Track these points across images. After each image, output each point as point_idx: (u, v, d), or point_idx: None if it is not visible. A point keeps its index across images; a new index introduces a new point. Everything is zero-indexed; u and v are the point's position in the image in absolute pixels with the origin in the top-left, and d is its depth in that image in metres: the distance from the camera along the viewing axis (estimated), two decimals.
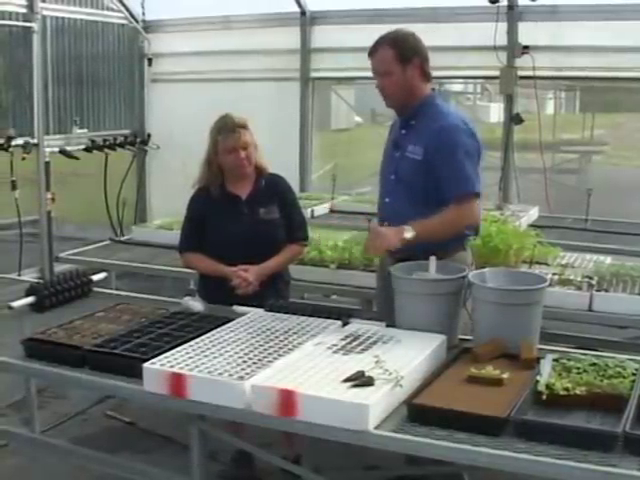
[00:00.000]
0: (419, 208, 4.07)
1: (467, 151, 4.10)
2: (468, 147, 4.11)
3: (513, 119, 7.60)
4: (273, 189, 4.68)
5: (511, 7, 7.38)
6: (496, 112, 6.27)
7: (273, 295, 4.43)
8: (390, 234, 3.98)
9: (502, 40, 7.34)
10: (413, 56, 4.20)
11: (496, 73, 7.49)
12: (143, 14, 9.27)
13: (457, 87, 12.88)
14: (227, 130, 4.50)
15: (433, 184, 4.10)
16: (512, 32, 7.40)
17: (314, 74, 8.76)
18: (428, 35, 8.04)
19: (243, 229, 4.54)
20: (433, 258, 3.83)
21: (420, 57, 4.24)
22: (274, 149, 4.77)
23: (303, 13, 8.59)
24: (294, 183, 5.49)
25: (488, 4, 7.23)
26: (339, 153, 11.63)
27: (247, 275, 4.43)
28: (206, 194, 4.62)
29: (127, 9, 9.17)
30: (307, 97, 8.80)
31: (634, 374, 3.16)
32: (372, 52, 4.30)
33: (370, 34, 8.14)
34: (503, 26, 7.37)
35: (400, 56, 4.18)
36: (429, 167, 4.09)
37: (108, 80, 9.26)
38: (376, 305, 4.89)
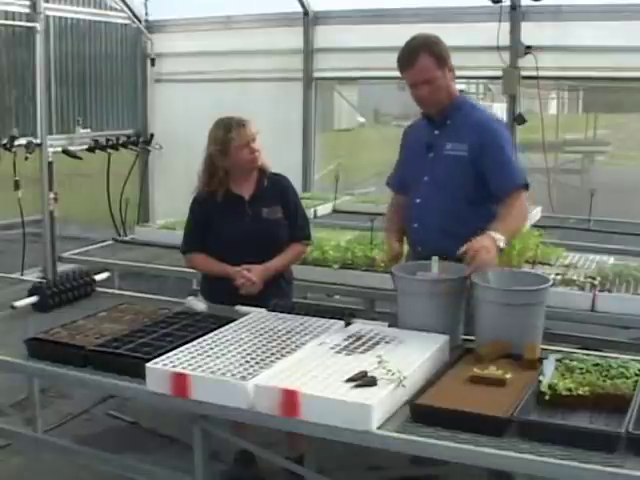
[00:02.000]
0: (450, 206, 4.12)
1: (510, 143, 4.19)
2: (509, 139, 4.22)
3: (516, 119, 7.59)
4: (276, 189, 4.68)
5: (514, 7, 7.37)
6: (499, 112, 6.25)
7: (276, 295, 4.43)
8: (488, 246, 3.70)
9: (505, 40, 7.34)
10: (448, 58, 4.19)
11: (499, 73, 7.49)
12: (146, 14, 9.32)
13: (460, 87, 12.87)
14: (237, 126, 4.51)
15: (474, 180, 4.09)
16: (515, 32, 7.39)
17: (317, 74, 8.76)
18: None
19: (246, 229, 4.54)
20: (435, 258, 3.82)
21: (450, 58, 4.22)
22: (277, 149, 4.78)
23: (306, 13, 8.59)
24: (297, 183, 5.50)
25: (491, 4, 7.23)
26: (342, 153, 11.64)
27: (251, 275, 4.44)
28: (209, 197, 4.62)
29: (130, 9, 9.18)
30: (310, 97, 8.80)
31: (637, 374, 3.16)
32: (409, 64, 4.18)
33: (373, 34, 8.19)
34: (506, 26, 7.36)
35: (438, 61, 4.14)
36: (475, 162, 4.07)
37: (111, 80, 9.27)
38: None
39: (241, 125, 4.51)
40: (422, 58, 4.11)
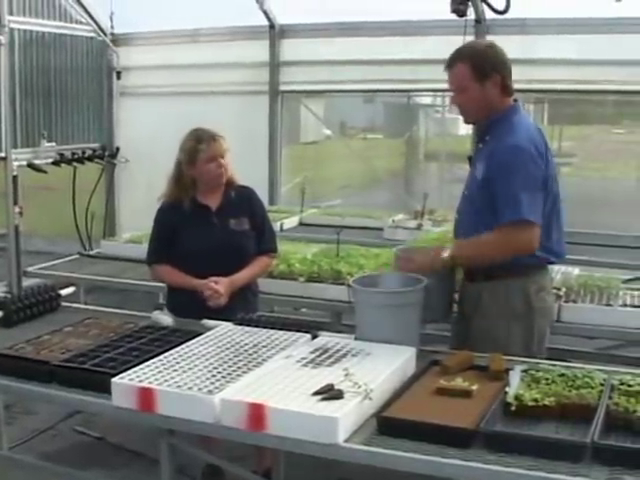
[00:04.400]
0: (480, 227, 3.94)
1: (526, 176, 3.82)
2: (529, 172, 3.83)
3: None
4: (244, 200, 4.69)
5: (478, 21, 7.43)
6: (465, 125, 6.28)
7: (243, 307, 4.42)
8: (422, 259, 3.99)
9: None
10: (492, 72, 3.97)
11: None
12: (112, 27, 9.24)
13: (426, 100, 12.94)
14: (209, 139, 4.53)
15: (490, 205, 3.90)
16: None
17: (283, 87, 8.77)
18: (396, 48, 8.17)
19: (213, 240, 4.53)
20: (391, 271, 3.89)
21: (500, 73, 4.00)
22: (243, 162, 4.77)
23: (272, 26, 8.60)
24: (263, 196, 5.49)
25: (456, 17, 7.27)
26: (308, 166, 11.67)
27: (218, 287, 4.42)
28: (175, 205, 4.61)
29: (95, 22, 9.13)
30: (276, 110, 8.80)
31: (602, 384, 3.19)
32: (449, 66, 4.09)
33: (339, 47, 8.22)
34: (471, 39, 7.41)
35: (477, 73, 3.96)
36: (489, 187, 3.91)
37: (77, 93, 9.20)
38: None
39: (212, 139, 4.52)
40: (459, 66, 4.01)
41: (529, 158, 3.84)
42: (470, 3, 7.03)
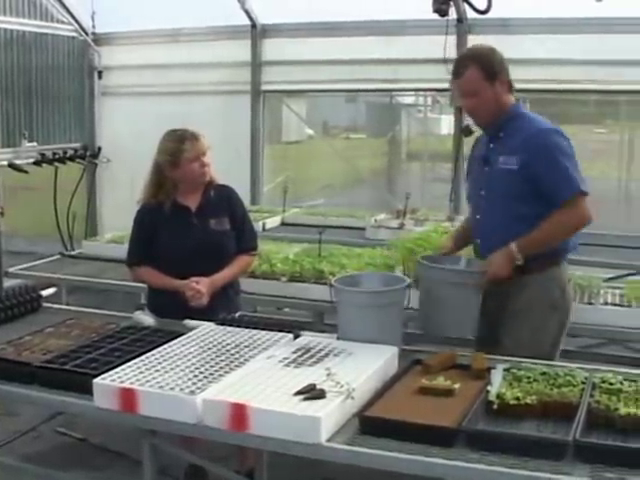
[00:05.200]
0: (512, 222, 3.98)
1: (565, 152, 3.98)
2: (565, 148, 3.99)
3: (463, 131, 7.65)
4: (223, 200, 4.67)
5: (460, 20, 7.46)
6: (447, 124, 6.28)
7: (225, 307, 4.41)
8: (502, 263, 3.95)
9: (452, 53, 7.37)
10: (500, 72, 4.08)
11: (446, 85, 7.53)
12: (93, 27, 9.21)
13: (408, 99, 12.93)
14: (191, 138, 4.50)
15: (532, 194, 3.97)
16: (461, 45, 7.46)
17: (265, 87, 8.77)
18: (378, 48, 8.18)
19: (193, 240, 4.51)
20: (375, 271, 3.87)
21: (505, 71, 4.12)
22: (225, 162, 4.76)
23: (254, 26, 8.60)
24: (245, 196, 5.50)
25: (438, 17, 7.28)
26: (290, 166, 11.64)
27: (200, 287, 4.41)
28: (155, 206, 4.59)
29: (77, 22, 9.11)
30: (258, 110, 8.81)
31: (583, 382, 3.20)
32: (457, 74, 4.12)
33: (321, 47, 8.22)
34: (453, 39, 7.44)
35: (488, 74, 4.04)
36: (528, 176, 3.95)
37: (58, 93, 9.18)
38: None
39: (194, 138, 4.50)
40: (470, 70, 4.05)
41: (560, 135, 4.02)
42: (452, 3, 7.06)
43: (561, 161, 3.92)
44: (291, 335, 3.84)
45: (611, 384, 3.15)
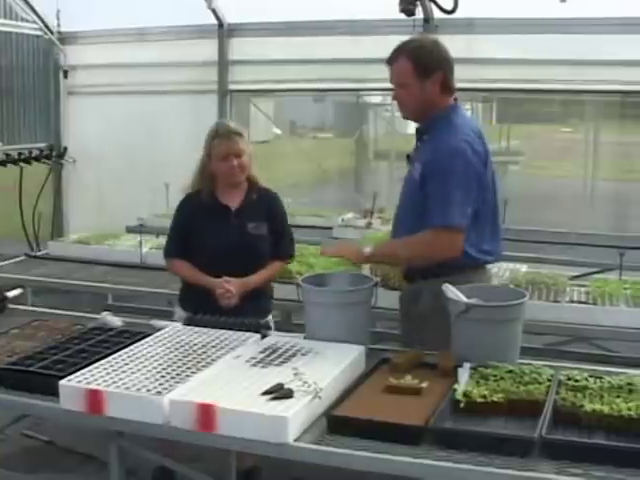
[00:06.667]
0: (417, 228, 3.88)
1: (459, 179, 3.78)
2: (463, 174, 3.79)
3: None
4: (265, 205, 4.66)
5: (427, 20, 7.47)
6: (413, 124, 6.25)
7: (254, 310, 4.38)
8: (346, 246, 4.12)
9: None
10: (435, 70, 3.91)
11: None
12: (58, 25, 9.11)
13: (376, 99, 12.96)
14: (222, 136, 4.50)
15: (423, 205, 3.86)
16: None
17: (232, 86, 8.73)
18: (345, 48, 8.19)
19: (229, 240, 4.50)
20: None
21: (443, 71, 3.94)
22: (192, 162, 4.73)
23: (221, 25, 8.55)
24: None
25: (405, 17, 7.29)
26: (258, 165, 11.63)
27: (230, 286, 4.39)
28: (195, 201, 4.59)
29: (42, 20, 9.01)
30: (225, 109, 8.76)
31: (549, 380, 3.22)
32: (390, 60, 4.01)
33: (288, 46, 8.21)
34: None
35: (420, 71, 3.90)
36: (423, 189, 3.88)
37: (23, 92, 9.12)
38: (400, 329, 4.44)
39: (225, 136, 4.50)
40: (401, 61, 3.93)
41: (465, 160, 3.82)
42: (419, 3, 7.07)
43: (448, 188, 3.77)
44: (258, 335, 3.83)
45: (577, 381, 3.18)
